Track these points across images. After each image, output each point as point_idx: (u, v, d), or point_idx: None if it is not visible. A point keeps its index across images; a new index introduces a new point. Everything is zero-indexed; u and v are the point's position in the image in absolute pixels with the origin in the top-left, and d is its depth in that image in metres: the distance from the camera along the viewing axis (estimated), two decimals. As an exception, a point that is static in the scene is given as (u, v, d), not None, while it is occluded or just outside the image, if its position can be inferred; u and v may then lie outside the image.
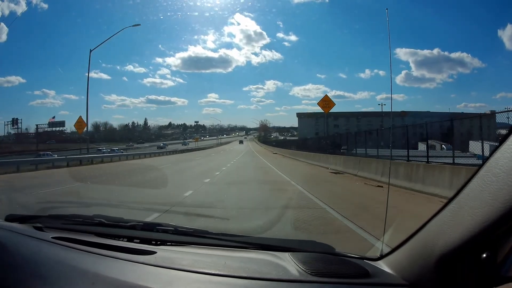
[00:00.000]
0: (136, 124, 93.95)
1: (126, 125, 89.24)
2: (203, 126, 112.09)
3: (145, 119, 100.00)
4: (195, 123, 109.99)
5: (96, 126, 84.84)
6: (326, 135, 26.68)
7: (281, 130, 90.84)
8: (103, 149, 39.82)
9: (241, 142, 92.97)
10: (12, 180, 11.89)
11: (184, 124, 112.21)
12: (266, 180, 11.03)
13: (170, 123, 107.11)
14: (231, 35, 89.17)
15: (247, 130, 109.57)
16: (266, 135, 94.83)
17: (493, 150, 0.76)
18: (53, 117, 62.68)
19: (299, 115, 77.87)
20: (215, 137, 77.14)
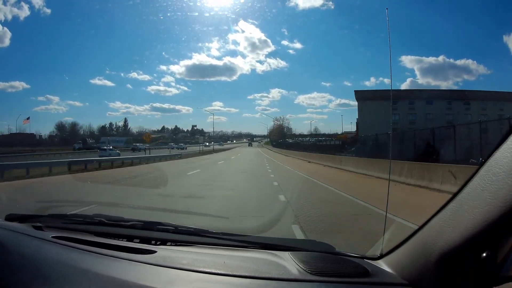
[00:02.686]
0: (115, 126, 78.09)
1: (103, 127, 73.61)
2: (201, 131, 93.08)
3: (125, 119, 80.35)
4: (192, 127, 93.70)
5: (60, 127, 66.49)
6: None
7: (293, 136, 74.64)
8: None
9: (250, 144, 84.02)
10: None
11: (176, 126, 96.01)
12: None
13: (163, 127, 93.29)
14: (235, 42, 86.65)
15: (252, 137, 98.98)
16: (283, 138, 71.04)
17: (493, 150, 0.76)
18: (28, 118, 56.23)
19: (361, 95, 48.39)
20: (200, 144, 54.94)
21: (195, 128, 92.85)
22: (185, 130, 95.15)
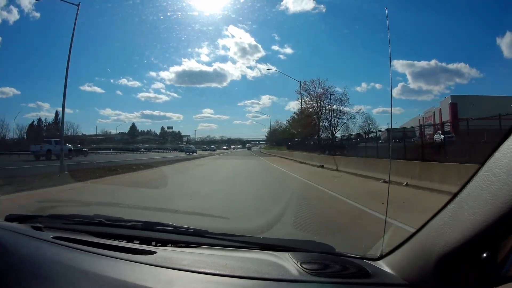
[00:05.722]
0: (44, 123, 59.85)
1: (31, 124, 56.10)
2: (178, 133, 79.22)
3: (56, 112, 58.88)
4: (162, 129, 77.03)
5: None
6: None
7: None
8: None
9: (249, 148, 75.94)
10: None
11: (133, 124, 73.83)
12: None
13: (133, 124, 74.39)
14: (225, 48, 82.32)
15: (243, 142, 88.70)
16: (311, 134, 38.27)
17: (494, 150, 0.76)
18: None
19: None
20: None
21: (170, 130, 77.87)
22: (152, 132, 78.88)
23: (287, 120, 52.24)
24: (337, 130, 36.47)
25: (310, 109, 37.57)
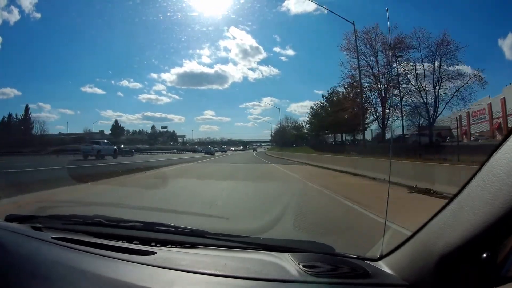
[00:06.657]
0: (15, 118, 48.65)
1: (2, 120, 46.50)
2: (172, 133, 71.11)
3: (26, 106, 48.72)
4: (162, 128, 67.23)
5: None
6: None
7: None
8: None
9: (254, 149, 73.13)
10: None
11: (116, 121, 61.54)
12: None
13: (116, 121, 61.93)
14: (226, 49, 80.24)
15: (244, 144, 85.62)
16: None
17: (494, 150, 0.75)
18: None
19: None
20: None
21: (164, 130, 68.37)
22: (147, 132, 70.10)
23: (311, 107, 38.30)
24: (437, 114, 19.90)
25: (363, 79, 21.31)
